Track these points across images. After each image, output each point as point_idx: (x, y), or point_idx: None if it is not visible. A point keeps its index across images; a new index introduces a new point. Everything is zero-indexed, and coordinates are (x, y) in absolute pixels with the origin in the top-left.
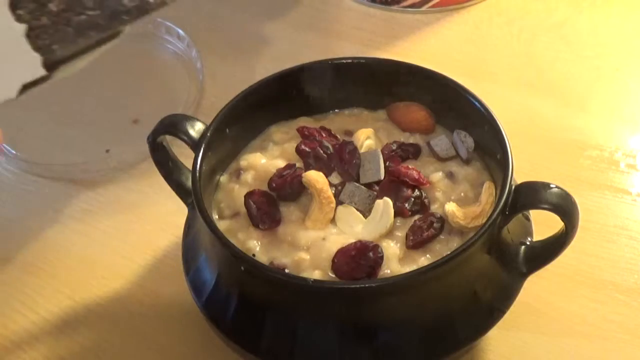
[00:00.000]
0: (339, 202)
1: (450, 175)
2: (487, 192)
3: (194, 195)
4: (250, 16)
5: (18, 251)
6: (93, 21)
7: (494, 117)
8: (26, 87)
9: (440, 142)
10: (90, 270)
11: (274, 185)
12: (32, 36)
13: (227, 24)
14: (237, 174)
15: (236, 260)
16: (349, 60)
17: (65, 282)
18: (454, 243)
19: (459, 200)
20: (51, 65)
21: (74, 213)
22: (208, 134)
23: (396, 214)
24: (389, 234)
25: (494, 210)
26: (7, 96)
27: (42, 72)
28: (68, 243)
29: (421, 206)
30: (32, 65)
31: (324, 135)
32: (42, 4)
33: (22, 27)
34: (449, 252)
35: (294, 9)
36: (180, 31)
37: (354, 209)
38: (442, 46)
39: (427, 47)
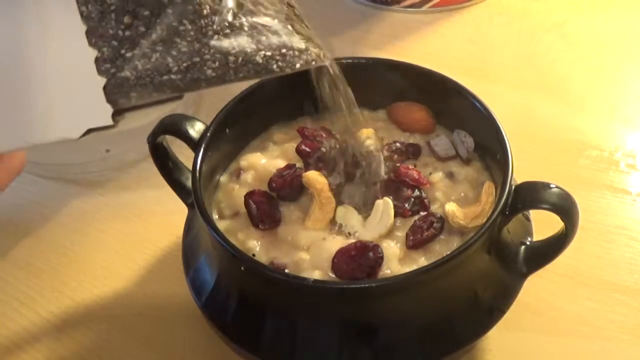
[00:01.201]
0: (339, 202)
1: (450, 175)
2: (487, 192)
3: (194, 195)
4: None
5: (18, 251)
6: (174, 83)
7: (494, 117)
8: (89, 131)
9: (440, 142)
10: (90, 270)
11: (274, 185)
12: (110, 86)
13: None
14: (237, 174)
15: (236, 260)
16: (349, 60)
17: (65, 282)
18: (454, 243)
19: (459, 200)
20: (117, 112)
21: (73, 213)
22: (208, 134)
23: (396, 214)
24: (389, 234)
25: (494, 210)
26: (70, 136)
27: (109, 121)
28: (68, 243)
29: (421, 206)
30: (103, 113)
31: (324, 135)
32: (128, 60)
33: (102, 79)
34: (449, 252)
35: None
36: None
37: (354, 209)
38: (442, 46)
39: (427, 47)
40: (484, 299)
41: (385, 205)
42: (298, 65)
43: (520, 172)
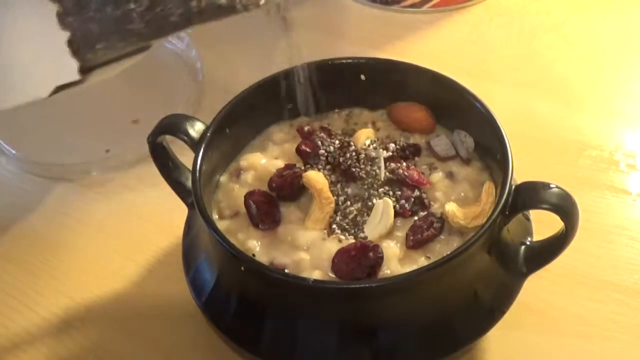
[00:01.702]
0: (340, 203)
1: (450, 175)
2: (487, 192)
3: (194, 195)
4: (251, 16)
5: (18, 251)
6: (139, 31)
7: (494, 117)
8: (58, 89)
9: (440, 142)
10: (90, 270)
11: (274, 185)
12: (76, 41)
13: (226, 24)
14: (237, 174)
15: (236, 260)
16: (349, 60)
17: (65, 282)
18: (454, 243)
19: (459, 200)
20: (86, 70)
21: (73, 213)
22: (208, 134)
23: (396, 214)
24: (389, 234)
25: (494, 210)
26: (39, 95)
27: (76, 76)
28: (68, 243)
29: (421, 206)
30: (69, 69)
31: (324, 135)
32: (96, 10)
33: (65, 34)
34: (449, 252)
35: (295, 8)
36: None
37: (354, 209)
38: (442, 46)
39: (427, 47)
40: (484, 299)
41: (385, 206)
42: (262, 2)
43: (520, 172)
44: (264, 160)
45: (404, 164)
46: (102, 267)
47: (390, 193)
